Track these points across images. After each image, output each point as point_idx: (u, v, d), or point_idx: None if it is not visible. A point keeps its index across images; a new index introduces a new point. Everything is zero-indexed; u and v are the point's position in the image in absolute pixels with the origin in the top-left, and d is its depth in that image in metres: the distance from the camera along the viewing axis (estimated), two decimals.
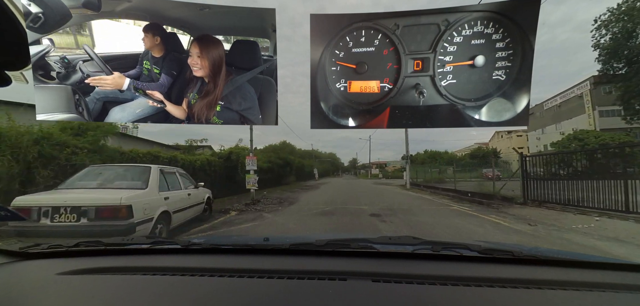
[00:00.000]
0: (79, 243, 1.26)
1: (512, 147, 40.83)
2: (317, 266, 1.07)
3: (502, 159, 54.98)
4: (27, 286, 0.98)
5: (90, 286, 0.98)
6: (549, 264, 1.10)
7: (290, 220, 7.09)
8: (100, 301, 0.88)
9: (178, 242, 1.30)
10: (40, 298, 0.90)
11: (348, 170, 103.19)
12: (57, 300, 0.88)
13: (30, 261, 1.19)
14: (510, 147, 53.64)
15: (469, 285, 0.92)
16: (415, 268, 1.08)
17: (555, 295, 0.88)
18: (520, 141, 49.90)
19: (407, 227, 5.95)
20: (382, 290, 0.89)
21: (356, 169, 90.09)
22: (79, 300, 0.89)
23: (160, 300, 0.87)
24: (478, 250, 1.15)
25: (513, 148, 13.39)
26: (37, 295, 0.91)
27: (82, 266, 1.10)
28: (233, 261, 1.18)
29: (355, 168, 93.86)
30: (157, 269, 1.08)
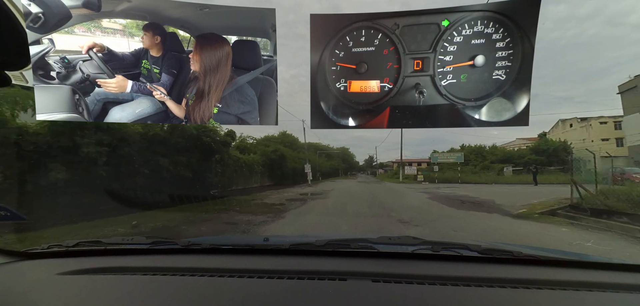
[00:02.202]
0: (79, 243, 1.26)
1: (591, 139, 29.74)
2: (317, 267, 1.07)
3: (574, 156, 43.17)
4: (27, 286, 0.98)
5: (91, 286, 0.98)
6: (549, 264, 1.10)
7: None
8: (100, 301, 0.88)
9: (178, 242, 1.30)
10: (41, 298, 0.90)
11: (364, 170, 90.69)
12: (57, 300, 0.89)
13: (31, 261, 1.19)
14: (588, 138, 37.31)
15: (469, 285, 0.92)
16: (415, 268, 1.08)
17: (555, 295, 0.88)
18: (605, 130, 35.23)
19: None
20: (382, 290, 0.90)
21: (373, 168, 75.14)
22: (79, 300, 0.89)
23: (160, 300, 0.87)
24: (478, 250, 1.15)
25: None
26: (37, 295, 0.91)
27: (82, 266, 1.11)
28: (233, 261, 1.18)
29: (371, 167, 79.09)
30: (157, 269, 1.08)
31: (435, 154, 32.32)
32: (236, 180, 16.67)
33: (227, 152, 13.87)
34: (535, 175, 22.62)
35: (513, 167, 29.70)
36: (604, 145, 33.08)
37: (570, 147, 34.76)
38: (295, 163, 26.35)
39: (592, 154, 9.56)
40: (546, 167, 27.81)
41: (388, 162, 77.12)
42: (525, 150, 37.68)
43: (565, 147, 34.88)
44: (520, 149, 40.08)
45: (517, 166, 30.83)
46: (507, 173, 28.21)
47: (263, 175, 21.34)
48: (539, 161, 30.28)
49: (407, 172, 34.04)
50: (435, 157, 31.85)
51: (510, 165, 29.88)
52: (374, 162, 78.60)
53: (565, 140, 36.37)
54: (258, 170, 19.96)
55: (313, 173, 27.91)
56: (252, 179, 19.52)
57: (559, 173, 26.16)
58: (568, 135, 39.06)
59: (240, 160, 16.94)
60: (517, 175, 28.21)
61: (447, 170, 30.61)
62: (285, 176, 23.97)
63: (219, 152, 12.65)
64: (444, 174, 29.22)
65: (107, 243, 1.27)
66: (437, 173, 29.01)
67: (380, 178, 46.01)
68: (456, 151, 33.25)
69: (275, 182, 22.38)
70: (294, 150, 31.63)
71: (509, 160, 33.60)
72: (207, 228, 6.61)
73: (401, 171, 34.32)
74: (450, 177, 28.20)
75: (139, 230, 5.97)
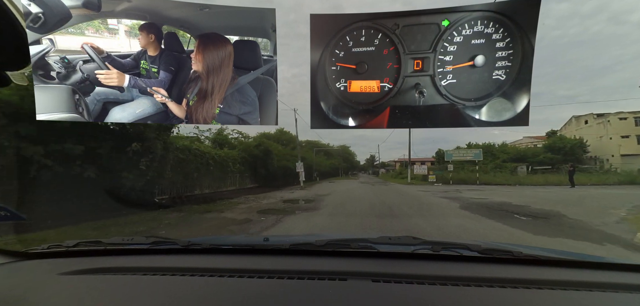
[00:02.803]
0: (79, 243, 1.27)
1: (609, 135, 28.26)
2: (317, 267, 1.07)
3: (589, 155, 37.08)
4: (27, 286, 0.98)
5: (91, 286, 0.98)
6: (549, 264, 1.10)
7: None
8: (100, 301, 0.88)
9: (178, 242, 1.30)
10: (41, 298, 0.90)
11: (365, 169, 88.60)
12: (58, 300, 0.89)
13: (31, 261, 1.19)
14: (606, 135, 35.90)
15: (469, 285, 0.92)
16: (415, 268, 1.08)
17: (556, 295, 0.88)
18: (625, 126, 33.33)
19: None
20: (382, 290, 0.90)
21: (375, 168, 72.68)
22: (79, 300, 0.89)
23: (160, 300, 0.87)
24: (478, 250, 1.15)
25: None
26: (38, 295, 0.91)
27: (83, 266, 1.11)
28: (233, 261, 1.18)
29: (373, 166, 76.76)
30: (157, 269, 1.08)
31: (450, 151, 28.58)
32: (203, 182, 12.94)
33: (162, 141, 9.36)
34: (572, 175, 20.28)
35: (527, 165, 27.90)
36: (624, 142, 33.18)
37: (587, 144, 33.99)
38: (286, 161, 22.49)
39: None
40: (579, 165, 25.78)
41: (390, 162, 74.82)
42: (539, 148, 36.16)
43: (581, 144, 33.54)
44: (529, 147, 38.61)
45: (537, 165, 28.63)
46: (520, 173, 26.26)
47: (244, 175, 17.65)
48: (556, 159, 28.51)
49: (416, 172, 30.08)
50: (450, 154, 28.05)
51: (523, 164, 28.06)
52: (376, 161, 75.75)
53: (581, 138, 34.87)
54: (235, 169, 15.96)
55: (309, 173, 25.07)
56: (228, 180, 15.55)
57: (598, 173, 23.90)
58: (583, 132, 37.34)
59: (207, 156, 12.91)
60: (532, 175, 26.34)
61: (461, 170, 27.81)
62: (273, 176, 19.87)
63: (143, 140, 8.38)
64: (459, 174, 26.40)
65: (107, 243, 1.27)
66: (452, 173, 26.03)
67: (384, 178, 42.43)
68: (473, 147, 29.79)
69: (260, 183, 18.40)
70: (288, 147, 27.63)
71: (523, 159, 31.95)
72: None
73: (409, 171, 30.23)
74: (467, 178, 25.33)
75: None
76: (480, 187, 20.29)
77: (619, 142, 33.48)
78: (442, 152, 41.55)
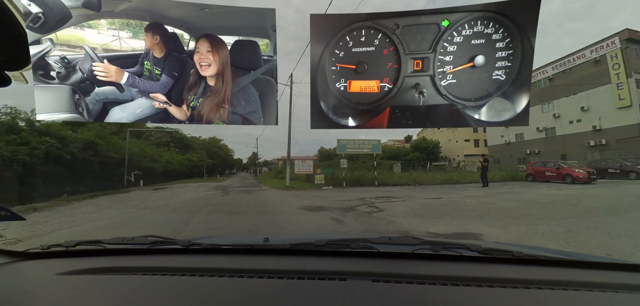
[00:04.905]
0: (79, 243, 1.26)
1: (456, 139, 32.39)
2: (317, 266, 1.07)
3: (442, 155, 46.53)
4: (27, 286, 0.98)
5: (91, 286, 0.98)
6: (549, 264, 1.10)
7: None
8: (100, 301, 0.88)
9: (178, 242, 1.30)
10: (40, 298, 0.90)
11: (247, 168, 78.13)
12: (57, 300, 0.89)
13: (31, 261, 1.19)
14: (453, 138, 46.05)
15: (469, 285, 0.92)
16: (415, 268, 1.08)
17: (555, 295, 0.88)
18: (466, 132, 41.94)
19: None
20: (382, 290, 0.90)
21: (257, 166, 60.88)
22: (79, 300, 0.89)
23: (160, 300, 0.87)
24: (478, 250, 1.15)
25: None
26: (37, 295, 0.91)
27: (83, 267, 1.11)
28: (233, 261, 1.18)
29: (255, 164, 63.59)
30: (157, 269, 1.08)
31: (343, 141, 20.71)
32: None
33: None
34: (485, 172, 16.28)
35: (401, 163, 27.12)
36: (466, 144, 44.09)
37: (440, 146, 43.92)
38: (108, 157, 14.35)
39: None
40: (433, 163, 27.28)
41: (273, 160, 65.91)
42: (408, 148, 43.63)
43: (437, 145, 42.95)
44: (398, 147, 46.09)
45: (407, 163, 28.31)
46: (396, 170, 24.54)
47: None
48: (423, 158, 32.49)
49: (297, 171, 21.33)
50: (343, 145, 20.61)
51: (398, 163, 27.25)
52: (258, 159, 63.87)
53: (437, 140, 44.88)
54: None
55: (118, 173, 16.73)
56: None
57: (451, 171, 25.05)
58: (436, 136, 47.82)
59: None
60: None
61: (355, 168, 22.44)
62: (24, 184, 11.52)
63: None
64: (353, 173, 20.68)
65: (107, 243, 1.27)
66: (345, 171, 19.48)
67: (261, 179, 32.82)
68: (370, 141, 22.61)
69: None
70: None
71: (397, 157, 34.64)
72: None
73: (288, 170, 20.50)
74: (363, 178, 20.00)
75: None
76: (382, 189, 16.39)
77: (463, 145, 44.06)
78: (324, 150, 43.93)
